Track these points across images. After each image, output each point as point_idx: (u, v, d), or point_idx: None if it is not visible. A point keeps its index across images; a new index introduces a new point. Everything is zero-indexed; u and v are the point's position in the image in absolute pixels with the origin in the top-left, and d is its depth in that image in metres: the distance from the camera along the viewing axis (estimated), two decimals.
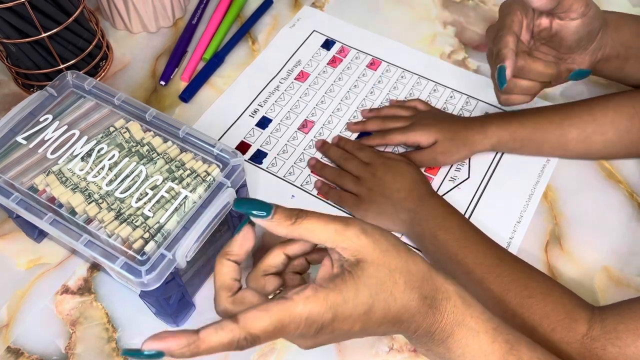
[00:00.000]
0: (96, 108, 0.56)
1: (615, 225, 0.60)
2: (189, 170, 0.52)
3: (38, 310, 0.55)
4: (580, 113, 0.60)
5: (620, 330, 0.44)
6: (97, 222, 0.49)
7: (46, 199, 0.50)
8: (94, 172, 0.51)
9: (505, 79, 0.52)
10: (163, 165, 0.52)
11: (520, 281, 0.49)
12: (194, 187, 0.50)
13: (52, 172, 0.51)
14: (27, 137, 0.54)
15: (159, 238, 0.47)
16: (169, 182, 0.50)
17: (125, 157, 0.52)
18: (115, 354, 0.53)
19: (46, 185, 0.51)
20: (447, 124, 0.62)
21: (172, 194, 0.50)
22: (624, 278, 0.57)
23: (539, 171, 0.64)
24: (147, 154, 0.53)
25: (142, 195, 0.50)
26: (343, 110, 0.70)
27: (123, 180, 0.51)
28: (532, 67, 0.55)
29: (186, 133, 0.53)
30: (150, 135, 0.54)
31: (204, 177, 0.51)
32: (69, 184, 0.51)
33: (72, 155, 0.53)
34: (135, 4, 0.73)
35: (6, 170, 0.52)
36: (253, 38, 0.77)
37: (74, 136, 0.54)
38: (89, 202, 0.50)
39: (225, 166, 0.52)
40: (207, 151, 0.53)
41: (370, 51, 0.75)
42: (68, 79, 0.57)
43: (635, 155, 0.63)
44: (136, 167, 0.52)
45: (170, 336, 0.33)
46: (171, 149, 0.53)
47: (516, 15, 0.55)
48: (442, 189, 0.63)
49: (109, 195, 0.50)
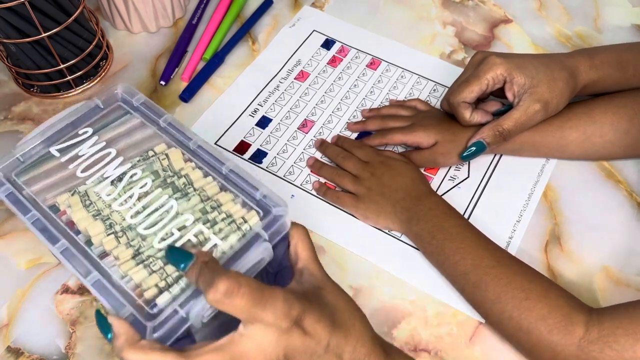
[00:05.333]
0: (140, 127, 0.51)
1: (615, 225, 0.60)
2: (224, 214, 0.45)
3: (38, 310, 0.55)
4: (579, 115, 0.60)
5: (618, 334, 0.44)
6: (112, 259, 0.44)
7: (65, 222, 0.46)
8: (120, 200, 0.46)
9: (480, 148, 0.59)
10: (197, 204, 0.46)
11: (517, 283, 0.49)
12: (226, 235, 0.44)
13: (78, 192, 0.47)
14: (61, 150, 0.49)
15: (176, 290, 0.41)
16: (199, 224, 0.44)
17: (158, 187, 0.47)
18: (115, 353, 0.53)
19: (68, 206, 0.47)
20: (447, 125, 0.62)
21: (200, 238, 0.44)
22: (624, 278, 0.57)
23: (538, 171, 0.64)
24: (182, 187, 0.47)
25: (167, 235, 0.44)
26: (343, 110, 0.70)
27: (150, 214, 0.45)
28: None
29: (230, 170, 0.48)
30: (191, 166, 0.49)
31: (239, 224, 0.44)
32: (92, 209, 0.46)
33: (102, 176, 0.48)
34: (135, 4, 0.73)
35: (32, 182, 0.48)
36: (253, 38, 0.77)
37: (109, 155, 0.49)
38: (108, 233, 0.45)
39: (266, 215, 0.45)
40: (248, 193, 0.47)
41: (370, 51, 0.75)
42: (117, 92, 0.53)
43: (634, 156, 0.63)
44: (167, 201, 0.46)
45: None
46: (210, 186, 0.47)
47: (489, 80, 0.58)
48: (441, 189, 0.63)
49: (131, 229, 0.45)
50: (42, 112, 0.69)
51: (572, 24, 0.78)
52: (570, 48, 0.75)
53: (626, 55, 0.59)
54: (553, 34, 0.77)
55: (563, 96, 0.57)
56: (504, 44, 0.76)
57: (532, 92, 0.56)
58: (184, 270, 0.40)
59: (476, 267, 0.51)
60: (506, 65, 0.57)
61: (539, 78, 0.56)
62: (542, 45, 0.76)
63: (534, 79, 0.56)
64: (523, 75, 0.56)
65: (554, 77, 0.56)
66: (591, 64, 0.58)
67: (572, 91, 0.58)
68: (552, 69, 0.57)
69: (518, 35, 0.77)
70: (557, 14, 0.80)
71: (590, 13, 0.80)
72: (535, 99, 0.56)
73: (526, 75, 0.56)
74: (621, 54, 0.59)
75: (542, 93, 0.56)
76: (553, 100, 0.57)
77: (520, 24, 0.78)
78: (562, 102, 0.58)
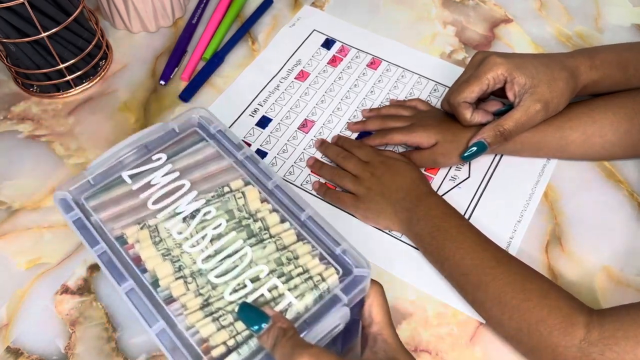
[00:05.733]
0: (216, 158, 0.49)
1: (615, 225, 0.60)
2: (300, 268, 0.42)
3: (38, 310, 0.55)
4: (579, 115, 0.60)
5: (619, 337, 0.44)
6: (179, 306, 0.41)
7: (132, 257, 0.43)
8: (192, 241, 0.43)
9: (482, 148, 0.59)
10: (272, 253, 0.43)
11: (517, 284, 0.49)
12: (302, 293, 0.40)
13: (148, 226, 0.44)
14: (133, 176, 0.47)
15: (245, 351, 0.38)
16: (274, 277, 0.41)
17: (233, 229, 0.44)
18: (115, 353, 0.53)
19: (136, 240, 0.44)
20: (448, 125, 0.62)
21: (274, 294, 0.40)
22: (624, 278, 0.57)
23: (539, 171, 0.64)
24: (257, 232, 0.44)
25: (239, 286, 0.41)
26: (343, 110, 0.70)
27: (222, 260, 0.42)
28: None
29: (309, 217, 0.44)
30: (268, 208, 0.45)
31: (316, 282, 0.41)
32: (161, 247, 0.43)
33: (174, 211, 0.45)
34: (135, 4, 0.73)
35: (101, 208, 0.46)
36: (253, 38, 0.77)
37: (183, 188, 0.46)
38: (177, 277, 0.42)
39: (346, 274, 0.41)
40: (327, 247, 0.43)
41: (370, 50, 0.75)
42: (194, 116, 0.51)
43: (635, 156, 0.63)
44: (242, 246, 0.43)
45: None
46: (287, 234, 0.44)
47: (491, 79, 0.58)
48: (442, 189, 0.63)
49: (201, 275, 0.42)
50: (41, 112, 0.69)
51: (573, 23, 0.78)
52: (571, 48, 0.75)
53: (626, 55, 0.59)
54: (553, 34, 0.77)
55: (563, 96, 0.57)
56: (504, 43, 0.76)
57: (533, 92, 0.56)
58: (257, 332, 0.38)
59: (476, 267, 0.51)
60: (507, 65, 0.57)
61: (539, 78, 0.56)
62: (543, 45, 0.76)
63: (534, 79, 0.56)
64: (523, 75, 0.56)
65: (554, 77, 0.56)
66: (591, 64, 0.58)
67: (572, 91, 0.58)
68: (552, 69, 0.57)
69: (518, 35, 0.77)
70: (557, 14, 0.79)
71: (590, 13, 0.79)
72: (535, 98, 0.56)
73: (527, 75, 0.56)
74: (621, 53, 0.59)
75: (542, 93, 0.56)
76: (553, 100, 0.57)
77: (520, 24, 0.78)
78: (562, 102, 0.57)
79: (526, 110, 0.56)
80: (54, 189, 0.62)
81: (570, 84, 0.57)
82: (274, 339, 0.37)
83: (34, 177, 0.64)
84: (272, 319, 0.38)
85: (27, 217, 0.61)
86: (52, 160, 0.65)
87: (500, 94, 0.60)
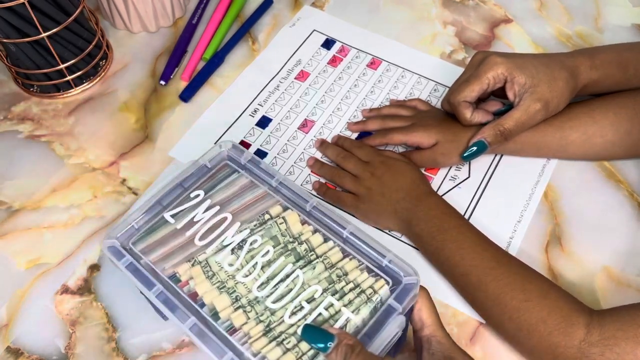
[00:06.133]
0: (250, 187, 0.50)
1: (615, 225, 0.60)
2: (352, 283, 0.44)
3: (38, 310, 0.55)
4: (580, 115, 0.60)
5: (619, 337, 0.44)
6: (242, 335, 0.42)
7: (187, 293, 0.45)
8: (244, 271, 0.45)
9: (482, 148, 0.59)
10: (322, 272, 0.44)
11: (517, 284, 0.49)
12: (357, 307, 0.42)
13: (198, 262, 0.46)
14: (175, 215, 0.48)
15: None
16: (328, 295, 0.43)
17: (281, 255, 0.45)
18: (115, 354, 0.53)
19: (190, 277, 0.45)
20: (448, 125, 0.62)
21: (330, 312, 0.42)
22: (625, 278, 0.57)
23: (539, 171, 0.64)
24: (304, 254, 0.45)
25: (297, 308, 0.42)
26: (343, 110, 0.70)
27: (277, 286, 0.44)
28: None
29: (351, 233, 0.46)
30: (310, 230, 0.47)
31: (369, 295, 0.42)
32: (215, 281, 0.45)
33: (221, 244, 0.47)
34: (135, 4, 0.73)
35: (149, 251, 0.47)
36: (253, 38, 0.77)
37: (226, 221, 0.48)
38: (235, 307, 0.43)
39: (396, 284, 0.43)
40: (372, 259, 0.45)
41: (370, 51, 0.75)
42: (223, 150, 0.52)
43: (635, 157, 0.63)
44: (293, 270, 0.44)
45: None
46: (332, 252, 0.45)
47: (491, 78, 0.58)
48: (442, 189, 0.63)
49: (259, 303, 0.43)
50: (41, 112, 0.69)
51: (573, 23, 0.78)
52: (571, 48, 0.75)
53: (626, 54, 0.59)
54: (553, 34, 0.77)
55: (563, 96, 0.57)
56: (504, 43, 0.76)
57: (533, 91, 0.56)
58: (324, 351, 0.39)
59: (476, 268, 0.51)
60: (507, 65, 0.57)
61: (539, 77, 0.56)
62: (543, 45, 0.76)
63: (534, 79, 0.56)
64: (523, 75, 0.56)
65: (554, 77, 0.56)
66: (591, 64, 0.58)
67: (572, 91, 0.58)
68: (552, 68, 0.57)
69: (518, 35, 0.77)
70: (557, 14, 0.79)
71: (590, 13, 0.79)
72: (535, 98, 0.56)
73: (527, 75, 0.56)
74: (621, 53, 0.59)
75: (542, 92, 0.56)
76: (553, 100, 0.57)
77: (520, 24, 0.78)
78: (562, 102, 0.57)
79: (526, 110, 0.56)
80: (54, 189, 0.63)
81: (570, 84, 0.57)
82: (343, 356, 0.38)
83: (34, 177, 0.64)
84: (337, 337, 0.39)
85: (27, 217, 0.61)
86: (52, 160, 0.65)
87: (500, 94, 0.60)
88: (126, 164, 0.65)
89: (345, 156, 0.62)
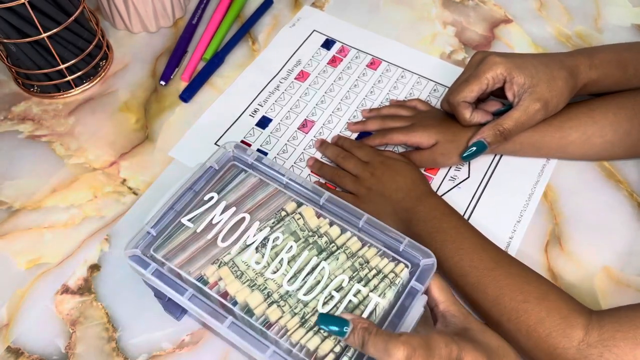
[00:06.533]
0: (260, 185, 0.51)
1: (615, 225, 0.60)
2: (374, 270, 0.46)
3: (38, 310, 0.55)
4: (580, 115, 0.60)
5: (618, 338, 0.44)
6: (278, 329, 0.44)
7: (217, 293, 0.46)
8: (272, 267, 0.46)
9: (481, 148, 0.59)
10: (345, 261, 0.46)
11: (515, 285, 0.49)
12: (383, 291, 0.45)
13: (225, 263, 0.47)
14: (192, 219, 0.49)
15: (353, 353, 0.42)
16: (355, 282, 0.45)
17: (304, 249, 0.47)
18: (115, 353, 0.53)
19: (219, 278, 0.46)
20: (447, 125, 0.62)
21: (359, 298, 0.44)
22: (624, 278, 0.57)
23: (539, 171, 0.64)
24: (325, 246, 0.47)
25: (327, 298, 0.44)
26: (343, 110, 0.70)
27: (305, 279, 0.45)
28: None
29: (365, 222, 0.48)
30: (326, 223, 0.49)
31: (392, 278, 0.45)
32: (245, 279, 0.46)
33: (244, 244, 0.48)
34: (135, 4, 0.73)
35: (172, 256, 0.47)
36: (253, 38, 0.77)
37: (244, 221, 0.49)
38: (269, 303, 0.44)
39: (414, 266, 0.46)
40: (390, 246, 0.47)
41: (370, 51, 0.75)
42: (229, 150, 0.53)
43: (635, 157, 0.63)
44: (318, 262, 0.46)
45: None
46: (351, 242, 0.48)
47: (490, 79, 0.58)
48: (442, 189, 0.63)
49: (290, 296, 0.45)
50: (42, 112, 0.69)
51: (573, 23, 0.78)
52: (571, 48, 0.75)
53: (626, 54, 0.59)
54: (553, 34, 0.77)
55: (563, 95, 0.57)
56: (504, 43, 0.76)
57: (532, 91, 0.56)
58: (342, 336, 0.41)
59: (475, 268, 0.51)
60: (506, 65, 0.57)
61: (538, 77, 0.56)
62: (543, 45, 0.76)
63: (533, 79, 0.56)
64: (523, 75, 0.56)
65: (554, 77, 0.56)
66: (591, 64, 0.58)
67: (571, 90, 0.58)
68: (551, 68, 0.57)
69: (518, 35, 0.77)
70: (557, 14, 0.79)
71: (590, 13, 0.79)
72: (535, 98, 0.56)
73: (526, 75, 0.56)
74: (621, 53, 0.59)
75: (541, 92, 0.56)
76: (553, 100, 0.57)
77: (520, 24, 0.78)
78: (561, 102, 0.57)
79: (525, 110, 0.56)
80: (55, 189, 0.63)
81: (570, 83, 0.57)
82: (361, 339, 0.40)
83: (35, 177, 0.64)
84: (351, 322, 0.41)
85: (28, 217, 0.61)
86: (52, 160, 0.65)
87: (499, 94, 0.60)
88: (126, 164, 0.65)
89: (345, 156, 0.62)
